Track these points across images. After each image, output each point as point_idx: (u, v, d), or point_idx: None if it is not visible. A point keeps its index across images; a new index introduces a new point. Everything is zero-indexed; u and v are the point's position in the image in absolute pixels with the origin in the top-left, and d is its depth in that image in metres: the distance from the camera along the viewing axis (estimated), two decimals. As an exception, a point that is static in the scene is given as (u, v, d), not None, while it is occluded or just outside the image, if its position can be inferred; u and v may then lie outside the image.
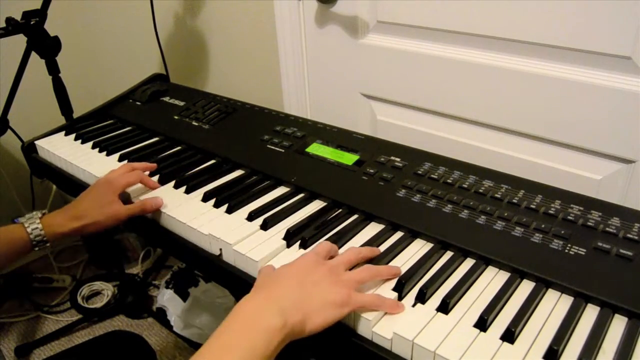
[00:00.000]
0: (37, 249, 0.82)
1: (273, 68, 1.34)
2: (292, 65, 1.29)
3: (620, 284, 0.59)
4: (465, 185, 0.78)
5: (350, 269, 0.63)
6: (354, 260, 0.65)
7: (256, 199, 0.85)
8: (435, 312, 0.59)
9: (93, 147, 1.07)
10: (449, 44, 1.01)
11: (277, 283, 0.58)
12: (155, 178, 0.92)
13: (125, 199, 0.87)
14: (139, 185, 0.90)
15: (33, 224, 0.81)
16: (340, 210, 0.80)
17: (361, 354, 0.59)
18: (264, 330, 0.51)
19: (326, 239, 0.72)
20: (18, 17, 1.10)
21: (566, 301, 0.60)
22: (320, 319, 0.55)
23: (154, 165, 0.95)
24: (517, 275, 0.64)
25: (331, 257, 0.66)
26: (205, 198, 0.85)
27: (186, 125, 1.10)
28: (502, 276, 0.64)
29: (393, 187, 0.81)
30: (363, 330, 0.59)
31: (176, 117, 1.14)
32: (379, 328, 0.58)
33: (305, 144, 0.96)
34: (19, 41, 1.13)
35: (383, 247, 0.70)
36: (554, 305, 0.59)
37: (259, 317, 0.53)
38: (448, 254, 0.69)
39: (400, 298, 0.62)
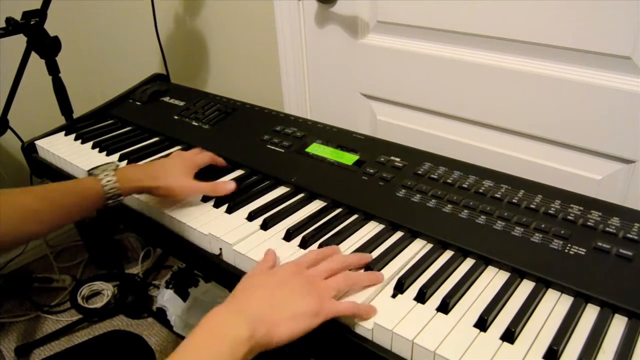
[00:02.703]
0: (110, 201, 0.78)
1: (273, 68, 1.34)
2: (292, 66, 1.29)
3: (620, 284, 0.59)
4: (465, 185, 0.78)
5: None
6: (336, 269, 0.63)
7: (256, 199, 0.85)
8: (435, 312, 0.59)
9: (93, 147, 1.07)
10: (449, 44, 1.01)
11: (249, 293, 0.59)
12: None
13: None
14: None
15: (108, 176, 0.78)
16: (340, 210, 0.80)
17: (361, 353, 0.59)
18: (229, 340, 0.51)
19: (326, 239, 0.72)
20: (18, 17, 1.10)
21: (566, 301, 0.60)
22: (288, 331, 0.55)
23: (223, 161, 0.96)
24: (517, 275, 0.64)
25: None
26: (205, 198, 0.85)
27: (186, 125, 1.10)
28: (502, 276, 0.64)
29: (393, 187, 0.81)
30: (362, 330, 0.59)
31: (176, 117, 1.14)
32: (378, 328, 0.58)
33: (305, 144, 0.96)
34: (19, 41, 1.13)
35: (383, 247, 0.71)
36: (554, 305, 0.59)
37: (225, 327, 0.53)
38: (448, 254, 0.69)
39: (395, 294, 0.62)
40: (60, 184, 0.77)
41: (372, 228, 0.76)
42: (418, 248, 0.71)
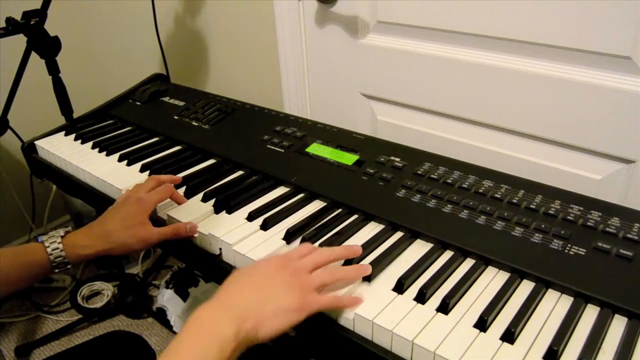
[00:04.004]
0: (57, 270, 0.75)
1: (273, 68, 1.34)
2: (292, 65, 1.29)
3: (620, 284, 0.59)
4: (465, 185, 0.78)
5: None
6: (322, 261, 0.63)
7: (256, 199, 0.85)
8: (435, 312, 0.59)
9: (93, 147, 1.07)
10: (449, 44, 1.01)
11: (234, 289, 0.59)
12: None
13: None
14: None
15: (54, 244, 0.74)
16: (340, 210, 0.80)
17: (360, 353, 0.59)
18: (216, 338, 0.52)
19: (326, 239, 0.72)
20: (18, 17, 1.10)
21: (566, 301, 0.60)
22: (273, 325, 0.55)
23: (180, 177, 0.89)
24: (517, 275, 0.64)
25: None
26: (206, 198, 0.85)
27: (186, 125, 1.10)
28: (502, 276, 0.64)
29: (393, 187, 0.81)
30: (362, 330, 0.59)
31: (176, 117, 1.14)
32: (378, 328, 0.58)
33: (305, 144, 0.96)
34: (19, 41, 1.13)
35: (383, 247, 0.71)
36: (554, 305, 0.59)
37: (212, 325, 0.53)
38: (448, 254, 0.69)
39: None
40: (4, 250, 0.74)
41: (372, 228, 0.76)
42: (418, 248, 0.71)
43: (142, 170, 0.96)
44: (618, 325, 0.56)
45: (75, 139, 1.11)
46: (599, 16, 0.81)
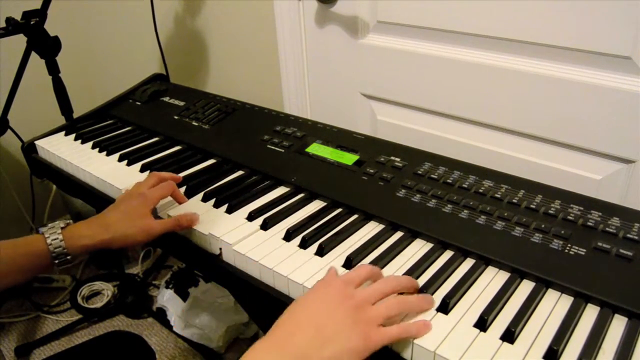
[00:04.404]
0: (56, 262, 0.73)
1: (273, 68, 1.34)
2: (292, 65, 1.29)
3: (620, 284, 0.59)
4: (465, 185, 0.78)
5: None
6: (388, 292, 0.58)
7: (256, 199, 0.85)
8: (435, 312, 0.59)
9: (93, 147, 1.07)
10: (449, 44, 1.01)
11: (291, 326, 0.54)
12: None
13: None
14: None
15: (53, 234, 0.73)
16: (340, 210, 0.80)
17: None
18: None
19: (326, 239, 0.72)
20: (18, 17, 1.10)
21: (566, 301, 0.60)
22: None
23: (180, 177, 0.89)
24: (517, 275, 0.64)
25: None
26: (206, 198, 0.85)
27: (186, 125, 1.10)
28: (502, 276, 0.64)
29: (393, 187, 0.81)
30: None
31: (176, 117, 1.14)
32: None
33: (305, 144, 0.96)
34: (19, 41, 1.13)
35: (383, 247, 0.71)
36: (554, 305, 0.59)
37: None
38: (448, 254, 0.69)
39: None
40: (4, 242, 0.72)
41: (372, 228, 0.76)
42: (418, 248, 0.71)
43: (142, 170, 0.96)
44: (618, 325, 0.56)
45: (75, 139, 1.12)
46: (599, 16, 0.81)
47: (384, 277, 0.62)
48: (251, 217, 0.79)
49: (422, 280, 0.64)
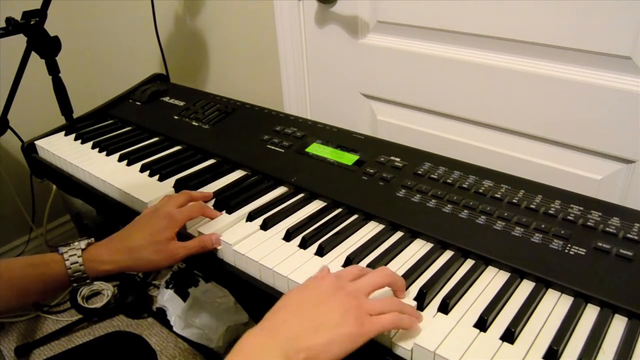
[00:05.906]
0: (75, 285, 0.71)
1: (273, 68, 1.34)
2: (292, 65, 1.29)
3: (620, 284, 0.59)
4: (465, 185, 0.78)
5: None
6: (381, 284, 0.59)
7: (256, 199, 0.85)
8: (435, 312, 0.59)
9: (93, 147, 1.07)
10: (449, 44, 1.01)
11: (284, 314, 0.54)
12: (157, 178, 0.92)
13: None
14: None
15: (73, 257, 0.70)
16: (340, 210, 0.80)
17: (359, 353, 0.59)
18: None
19: (326, 239, 0.72)
20: (18, 17, 1.10)
21: (566, 301, 0.60)
22: (327, 357, 0.51)
23: (210, 194, 0.85)
24: (517, 275, 0.64)
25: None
26: (205, 198, 0.85)
27: (186, 125, 1.10)
28: (502, 276, 0.64)
29: (393, 187, 0.81)
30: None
31: (176, 117, 1.14)
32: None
33: (305, 144, 0.96)
34: (19, 41, 1.13)
35: (383, 247, 0.71)
36: (554, 305, 0.59)
37: (260, 355, 0.50)
38: (448, 254, 0.69)
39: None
40: (20, 259, 0.70)
41: (372, 228, 0.76)
42: (418, 248, 0.71)
43: (142, 170, 0.96)
44: (618, 325, 0.56)
45: (75, 139, 1.12)
46: (598, 16, 0.81)
47: (379, 269, 0.61)
48: (251, 217, 0.79)
49: (422, 280, 0.64)
